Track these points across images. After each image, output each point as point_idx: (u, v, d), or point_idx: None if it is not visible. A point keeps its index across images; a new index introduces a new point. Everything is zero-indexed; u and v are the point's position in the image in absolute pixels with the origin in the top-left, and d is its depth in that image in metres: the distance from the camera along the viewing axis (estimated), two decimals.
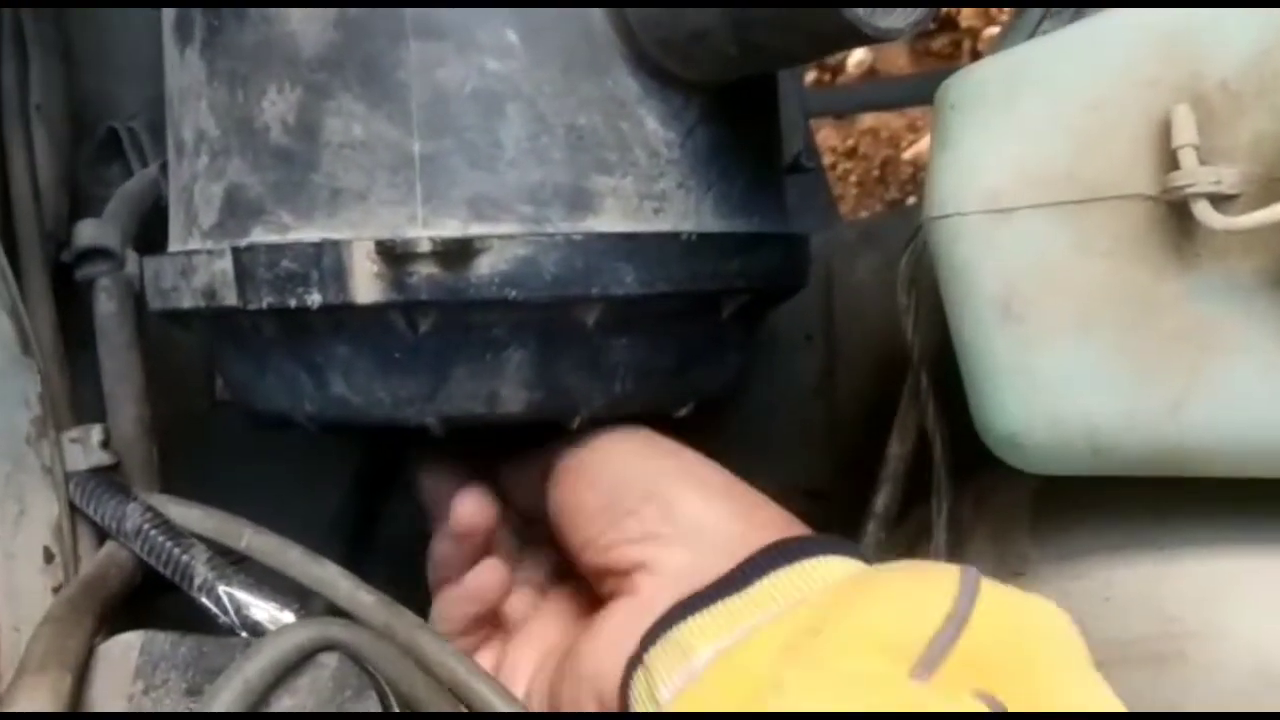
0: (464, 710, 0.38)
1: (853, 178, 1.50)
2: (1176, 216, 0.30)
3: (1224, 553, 0.33)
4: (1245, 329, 0.30)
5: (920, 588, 0.32)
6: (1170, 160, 0.30)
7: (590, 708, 0.40)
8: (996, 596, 0.31)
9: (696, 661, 0.36)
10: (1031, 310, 0.33)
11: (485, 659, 0.46)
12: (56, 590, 0.44)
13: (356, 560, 0.63)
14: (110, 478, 0.46)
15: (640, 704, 0.38)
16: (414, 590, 0.59)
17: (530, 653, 0.45)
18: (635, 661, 0.38)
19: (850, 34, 0.37)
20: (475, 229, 0.40)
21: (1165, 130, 0.30)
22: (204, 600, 0.41)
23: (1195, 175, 0.29)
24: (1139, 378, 0.31)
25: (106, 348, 0.52)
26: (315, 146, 0.41)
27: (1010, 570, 0.38)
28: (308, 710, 0.35)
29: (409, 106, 0.40)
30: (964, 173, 0.34)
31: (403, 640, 0.39)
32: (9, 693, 0.34)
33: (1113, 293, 0.31)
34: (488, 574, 0.45)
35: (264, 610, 0.41)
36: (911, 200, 1.48)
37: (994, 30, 1.43)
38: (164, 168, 0.53)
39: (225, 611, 0.41)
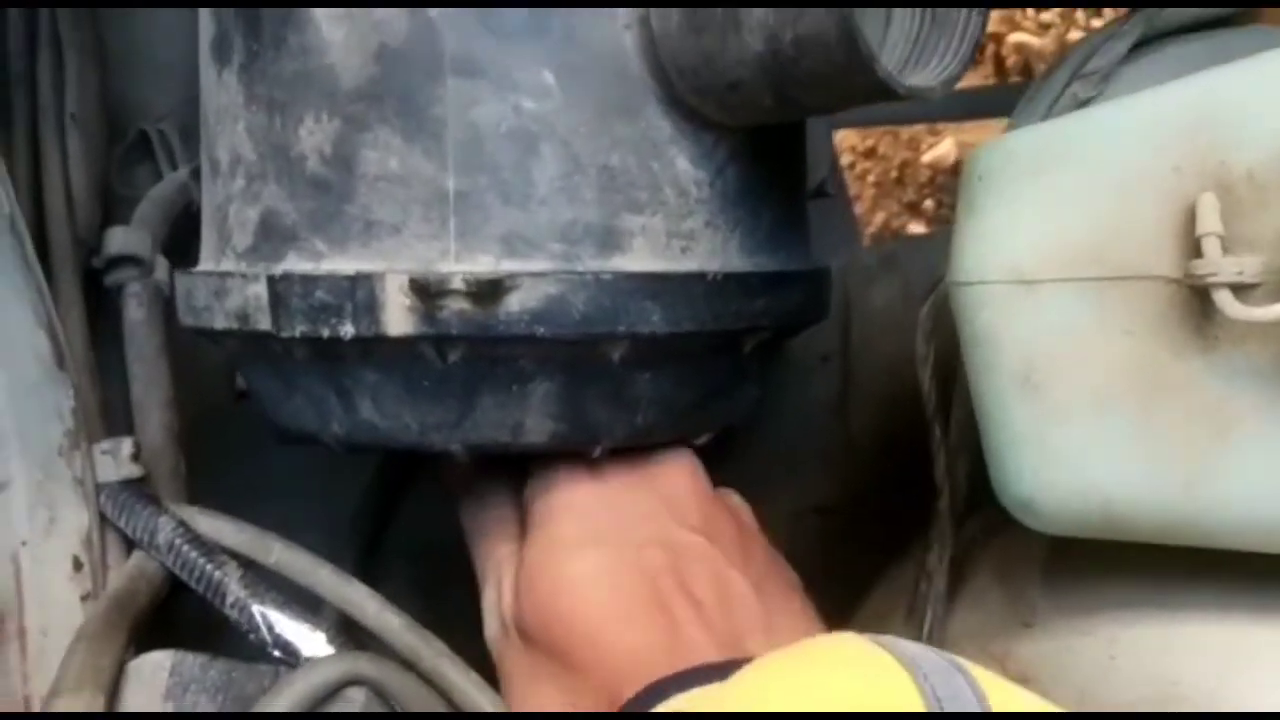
0: None
1: (870, 178, 1.51)
2: (1198, 300, 0.31)
3: (1233, 620, 0.34)
4: (1261, 412, 0.30)
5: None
6: (1194, 246, 0.30)
7: None
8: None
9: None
10: (1051, 382, 0.33)
11: None
12: (84, 598, 0.45)
13: (376, 560, 0.64)
14: (141, 489, 0.47)
15: None
16: (434, 589, 0.60)
17: None
18: None
19: (883, 91, 0.37)
20: (506, 265, 0.41)
21: (1190, 215, 0.30)
22: (236, 617, 0.42)
23: (1218, 265, 0.29)
24: (1155, 454, 0.32)
25: (135, 354, 0.53)
26: (351, 178, 0.41)
27: (1019, 620, 0.39)
28: None
29: (445, 143, 0.41)
30: (989, 243, 0.34)
31: (427, 667, 0.40)
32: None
33: (1132, 369, 0.32)
34: None
35: (296, 630, 0.42)
36: (928, 204, 1.48)
37: (1018, 37, 1.43)
38: (195, 172, 0.54)
39: (257, 630, 0.42)
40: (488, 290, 0.40)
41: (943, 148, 1.48)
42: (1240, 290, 0.30)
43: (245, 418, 0.61)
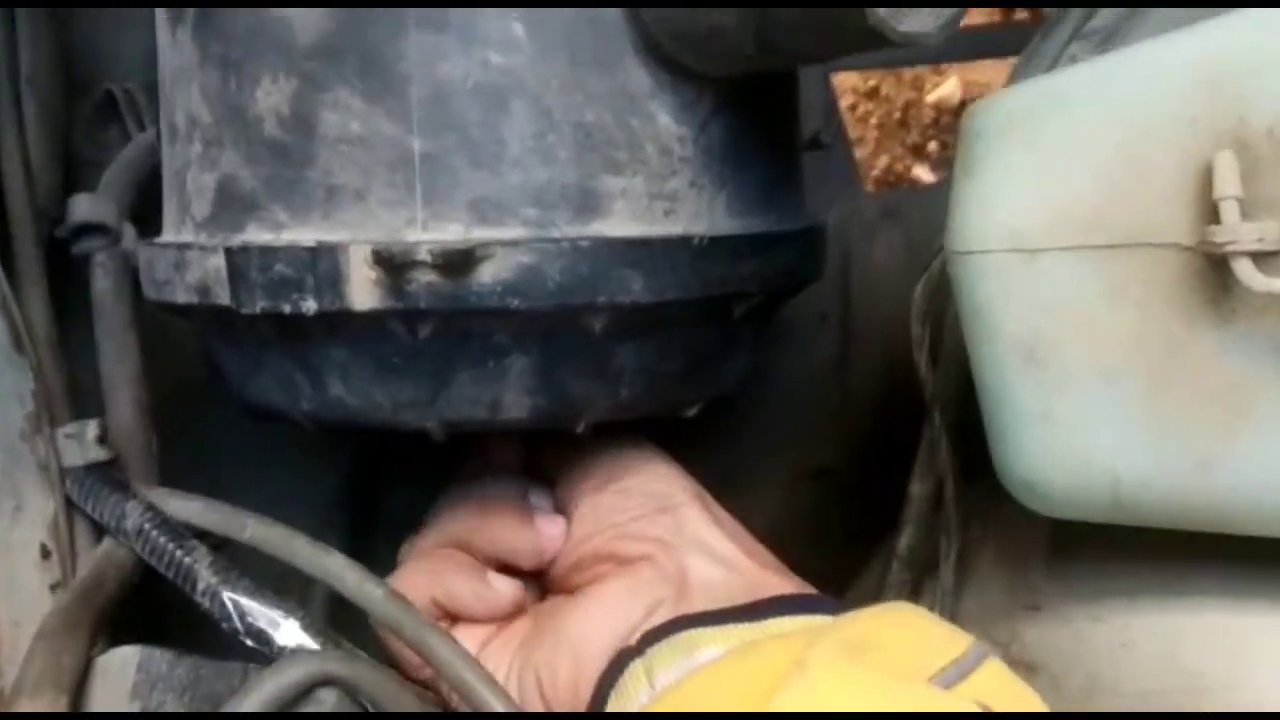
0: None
1: (873, 120, 1.47)
2: (1214, 269, 0.28)
3: (1248, 608, 0.32)
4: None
5: (933, 636, 0.32)
6: (1210, 210, 0.28)
7: (565, 670, 0.40)
8: (1001, 668, 0.31)
9: (700, 658, 0.36)
10: (1056, 356, 0.31)
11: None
12: (54, 587, 0.43)
13: (360, 539, 0.62)
14: (108, 474, 0.45)
15: (628, 690, 0.37)
16: None
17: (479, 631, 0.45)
18: (631, 653, 0.38)
19: (875, 38, 0.35)
20: (478, 233, 0.38)
21: (1205, 176, 0.28)
22: (207, 605, 0.41)
23: (1237, 231, 0.27)
24: (1166, 433, 0.30)
25: (104, 327, 0.50)
26: (311, 141, 0.39)
27: (1023, 604, 0.37)
28: None
29: (409, 102, 0.38)
30: (988, 208, 0.32)
31: (410, 637, 0.39)
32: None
33: (1142, 344, 0.30)
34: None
35: (268, 617, 0.40)
36: (933, 146, 1.44)
37: None
38: None
39: (228, 618, 0.40)
40: (457, 261, 0.37)
41: (947, 87, 1.43)
42: (1261, 259, 0.27)
43: (223, 398, 0.59)
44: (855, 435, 0.64)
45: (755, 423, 0.64)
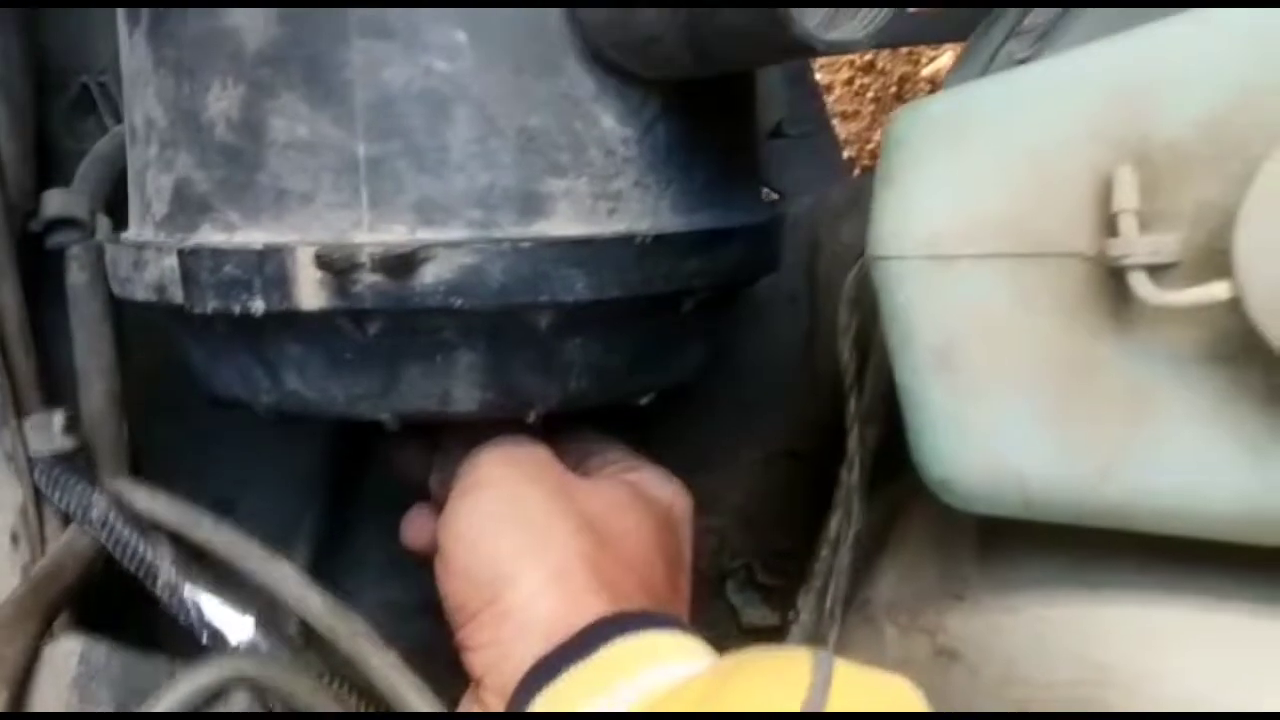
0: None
1: (869, 94, 1.46)
2: (1114, 280, 0.29)
3: (1160, 602, 0.32)
4: (1180, 399, 0.29)
5: (773, 684, 0.32)
6: (1111, 222, 0.28)
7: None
8: (851, 683, 0.31)
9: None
10: (969, 362, 0.32)
11: None
12: (26, 569, 0.44)
13: (340, 514, 0.64)
14: (75, 463, 0.46)
15: None
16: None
17: None
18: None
19: (801, 47, 0.35)
20: (422, 234, 0.39)
21: (1108, 189, 0.29)
22: (167, 600, 0.42)
23: (1133, 245, 0.28)
24: (1071, 439, 0.31)
25: (78, 319, 0.52)
26: (260, 146, 0.40)
27: (951, 592, 0.38)
28: None
29: (354, 108, 0.39)
30: (906, 214, 0.32)
31: (344, 646, 0.40)
32: None
33: (1050, 352, 0.30)
34: None
35: (224, 615, 0.41)
36: None
37: None
38: None
39: (185, 614, 0.41)
40: (398, 264, 0.38)
41: (944, 60, 1.43)
42: (1157, 271, 0.28)
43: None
44: (823, 418, 0.64)
45: (724, 405, 0.65)
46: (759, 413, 0.65)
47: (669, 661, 0.36)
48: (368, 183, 0.39)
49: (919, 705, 0.32)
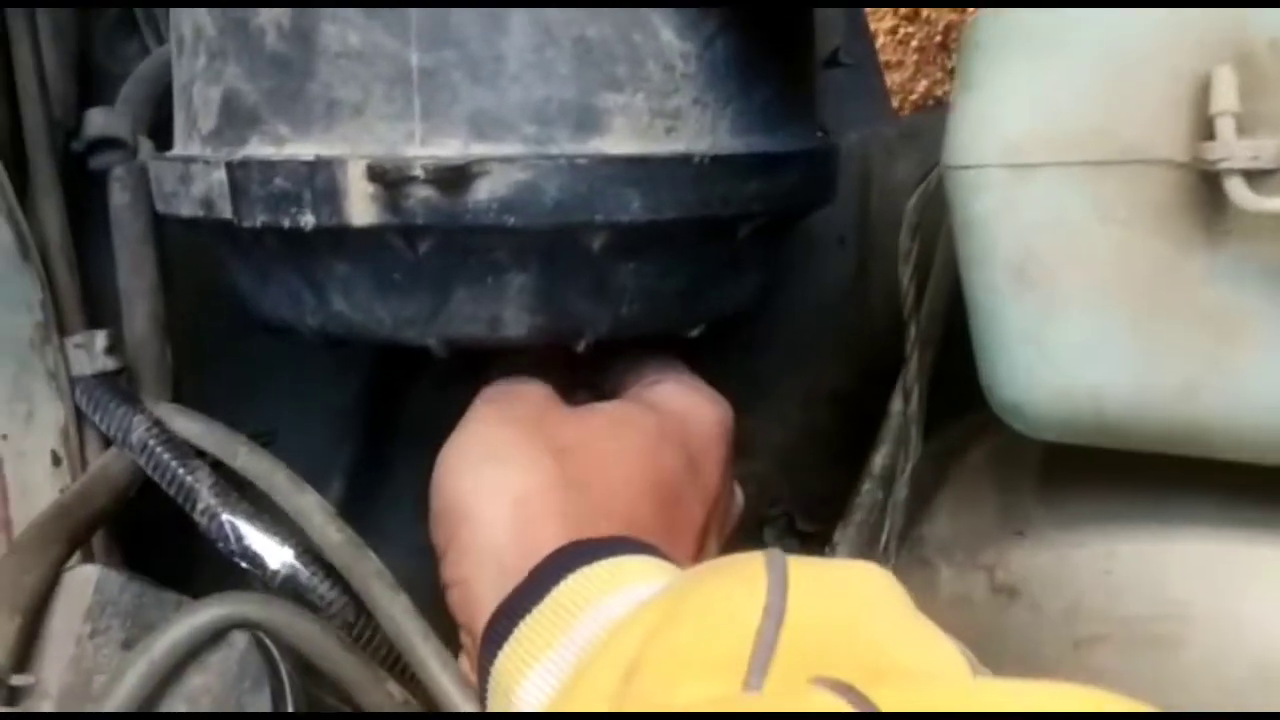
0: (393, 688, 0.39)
1: (914, 42, 1.43)
2: (1207, 188, 0.28)
3: (1231, 536, 0.31)
4: (1272, 317, 0.27)
5: (729, 590, 0.30)
6: (1206, 126, 0.27)
7: None
8: (807, 576, 0.30)
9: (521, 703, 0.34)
10: (1047, 277, 0.30)
11: None
12: (63, 492, 0.44)
13: (379, 445, 0.63)
14: (117, 385, 0.46)
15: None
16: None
17: None
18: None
19: None
20: (476, 149, 0.38)
21: (1203, 92, 0.27)
22: (206, 525, 0.41)
23: (1231, 148, 0.26)
24: (1153, 357, 0.29)
25: (121, 240, 0.51)
26: (311, 54, 0.39)
27: (1011, 529, 0.37)
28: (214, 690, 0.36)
29: (408, 15, 0.38)
30: (985, 121, 0.31)
31: (356, 585, 0.40)
32: None
33: (1134, 266, 0.29)
34: None
35: (264, 543, 0.41)
36: None
37: None
38: None
39: (224, 539, 0.41)
40: (452, 177, 0.37)
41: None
42: (1255, 177, 0.26)
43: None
44: (870, 359, 0.63)
45: (770, 344, 0.64)
46: (804, 355, 0.64)
47: (631, 584, 0.34)
48: (421, 94, 0.38)
49: (887, 586, 0.30)
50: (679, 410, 0.44)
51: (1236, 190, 0.26)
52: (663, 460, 0.42)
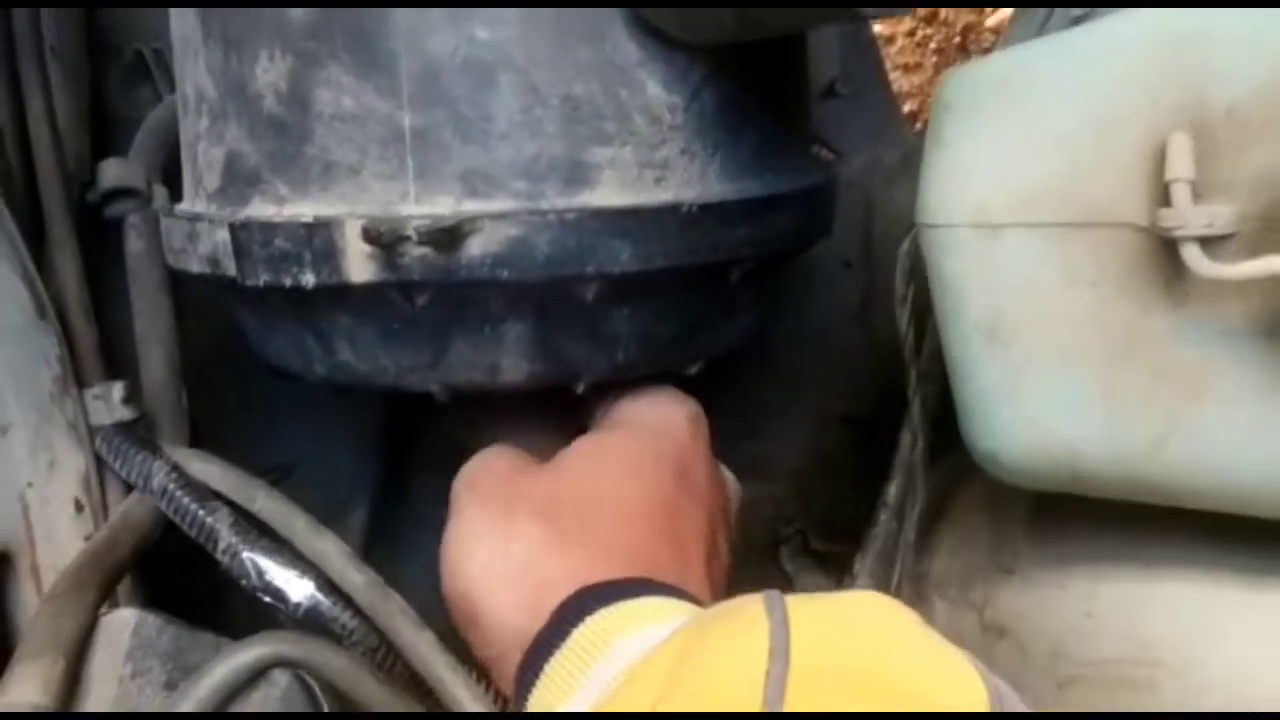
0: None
1: (932, 44, 1.43)
2: (1167, 251, 0.28)
3: (1207, 580, 0.32)
4: (1233, 375, 0.28)
5: (733, 634, 0.31)
6: (1165, 191, 0.28)
7: None
8: (806, 612, 0.30)
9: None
10: (1018, 335, 0.31)
11: None
12: (87, 539, 0.46)
13: (398, 474, 0.64)
14: (136, 433, 0.47)
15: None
16: None
17: None
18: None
19: (847, 7, 0.35)
20: (468, 206, 0.39)
21: (1163, 156, 0.28)
22: (228, 563, 0.43)
23: (1185, 215, 0.27)
24: (1121, 412, 0.30)
25: (137, 287, 0.53)
26: (308, 117, 0.40)
27: (1001, 566, 0.37)
28: None
29: (398, 78, 0.39)
30: (955, 182, 0.32)
31: (382, 624, 0.41)
32: (4, 681, 0.36)
33: (1100, 325, 0.30)
34: None
35: (284, 577, 0.42)
36: None
37: None
38: None
39: (247, 576, 0.42)
40: (444, 236, 0.38)
41: (1009, 10, 1.39)
42: (1211, 243, 0.27)
43: None
44: (879, 383, 0.64)
45: (779, 370, 0.65)
46: (814, 378, 0.65)
47: (642, 629, 0.35)
48: (414, 154, 0.39)
49: (893, 611, 0.30)
50: (649, 421, 0.44)
51: (1192, 256, 0.27)
52: (648, 476, 0.42)
